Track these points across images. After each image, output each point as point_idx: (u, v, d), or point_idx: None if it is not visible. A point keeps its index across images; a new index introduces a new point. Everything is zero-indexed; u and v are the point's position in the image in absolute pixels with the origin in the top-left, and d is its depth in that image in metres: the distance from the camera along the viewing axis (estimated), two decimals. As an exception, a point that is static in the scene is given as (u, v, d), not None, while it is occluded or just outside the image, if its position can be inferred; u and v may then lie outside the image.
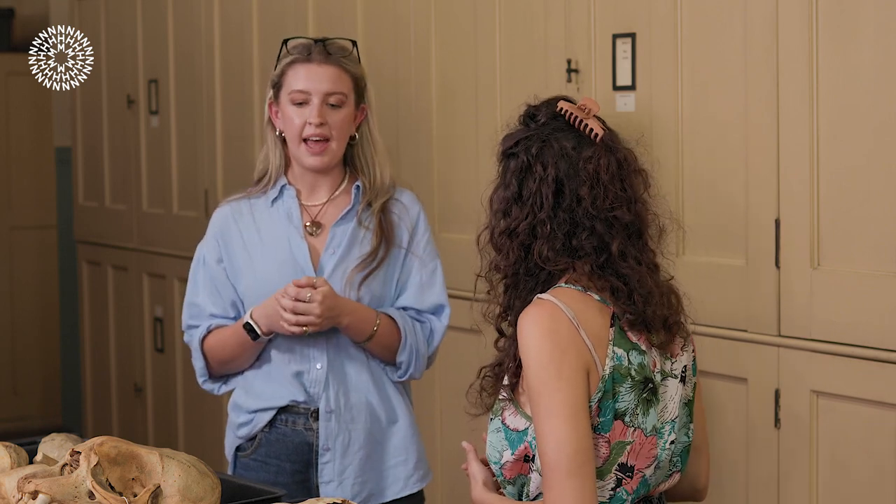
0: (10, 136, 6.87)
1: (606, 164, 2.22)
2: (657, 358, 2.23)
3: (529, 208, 2.23)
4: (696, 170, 3.25)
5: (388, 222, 3.00)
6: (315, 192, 3.02)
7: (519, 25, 3.73)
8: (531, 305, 2.19)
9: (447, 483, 4.06)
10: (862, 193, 2.91)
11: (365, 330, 2.93)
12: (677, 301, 2.29)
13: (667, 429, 2.23)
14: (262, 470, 2.97)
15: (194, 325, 3.01)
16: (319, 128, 2.91)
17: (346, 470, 2.97)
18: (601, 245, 2.21)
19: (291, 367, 2.96)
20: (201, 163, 5.14)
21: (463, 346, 3.92)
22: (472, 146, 3.91)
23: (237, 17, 4.91)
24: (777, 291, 3.07)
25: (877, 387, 2.89)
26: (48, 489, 2.05)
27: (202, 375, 3.03)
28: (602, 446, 2.17)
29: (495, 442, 2.24)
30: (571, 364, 2.13)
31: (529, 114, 2.30)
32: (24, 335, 6.95)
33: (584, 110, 2.27)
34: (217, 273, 2.99)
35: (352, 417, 2.97)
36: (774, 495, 3.10)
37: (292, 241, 2.97)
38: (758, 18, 3.08)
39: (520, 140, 2.27)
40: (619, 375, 2.17)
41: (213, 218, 3.06)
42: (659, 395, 2.22)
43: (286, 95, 2.94)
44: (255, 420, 2.98)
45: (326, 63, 2.94)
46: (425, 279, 3.03)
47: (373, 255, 2.96)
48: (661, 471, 2.25)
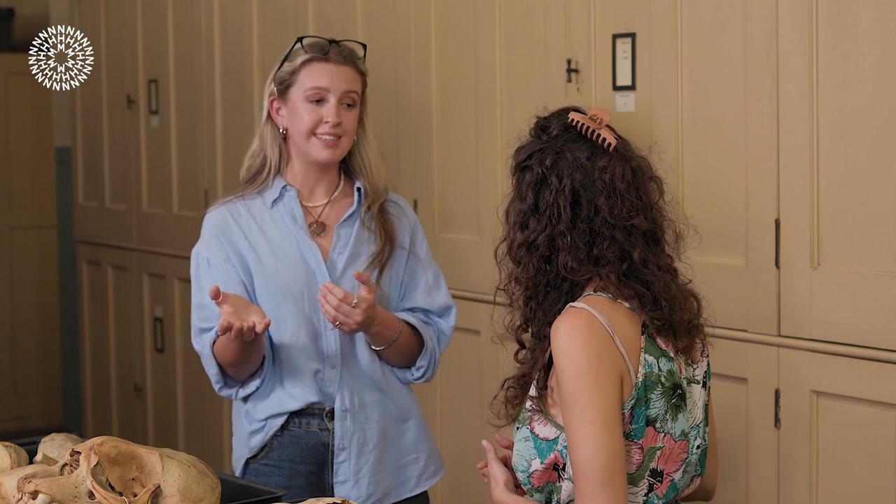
0: (10, 136, 6.87)
1: (622, 173, 2.23)
2: (682, 364, 2.26)
3: (547, 220, 2.23)
4: (696, 170, 3.25)
5: (389, 223, 3.01)
6: (315, 193, 3.02)
7: (519, 25, 3.73)
8: (565, 314, 2.20)
9: (448, 483, 4.06)
10: (862, 193, 2.91)
11: (388, 338, 2.94)
12: (698, 304, 2.30)
13: (693, 433, 2.25)
14: (275, 474, 2.96)
15: (206, 328, 2.94)
16: (336, 127, 2.92)
17: (362, 469, 2.97)
18: (623, 253, 2.22)
19: (308, 368, 2.94)
20: (201, 163, 5.14)
21: (463, 347, 3.92)
22: (472, 146, 3.91)
23: (237, 17, 4.91)
24: (777, 291, 3.07)
25: (877, 387, 2.89)
26: (48, 489, 2.05)
27: (218, 382, 2.95)
28: (635, 452, 2.18)
29: (523, 451, 2.25)
30: (607, 372, 2.14)
31: (541, 126, 2.31)
32: (24, 335, 6.95)
33: (595, 120, 2.27)
34: (225, 272, 2.94)
35: (366, 416, 2.97)
36: (774, 495, 3.10)
37: (301, 241, 2.96)
38: (758, 18, 3.08)
39: (533, 153, 2.28)
40: (651, 383, 2.18)
41: (210, 220, 3.01)
42: (686, 400, 2.24)
43: (300, 92, 2.94)
44: (268, 426, 2.96)
45: (345, 64, 2.96)
46: (431, 281, 3.04)
47: (380, 255, 2.97)
48: (687, 475, 2.26)
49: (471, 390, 3.95)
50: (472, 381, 3.95)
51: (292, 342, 2.94)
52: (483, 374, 3.88)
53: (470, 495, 3.99)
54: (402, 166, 4.14)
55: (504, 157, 3.75)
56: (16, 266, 6.94)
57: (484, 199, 3.86)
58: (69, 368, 6.73)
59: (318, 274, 2.94)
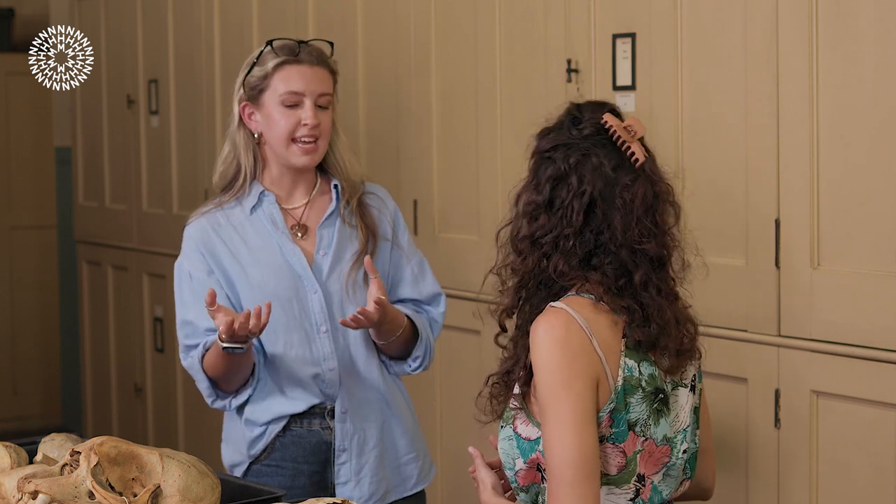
0: (10, 136, 6.87)
1: (643, 195, 2.19)
2: (666, 374, 2.24)
3: (558, 220, 2.20)
4: (696, 170, 3.25)
5: (369, 217, 2.99)
6: (293, 195, 2.99)
7: (519, 25, 3.73)
8: (544, 314, 2.18)
9: (447, 483, 4.06)
10: (862, 193, 2.91)
11: (394, 332, 2.92)
12: (694, 330, 2.28)
13: (679, 438, 2.23)
14: (278, 474, 2.95)
15: (192, 345, 2.91)
16: (314, 129, 2.91)
17: (363, 469, 2.97)
18: (623, 271, 2.19)
19: (307, 372, 2.93)
20: (201, 163, 5.14)
21: (463, 346, 3.92)
22: (472, 146, 3.91)
23: (237, 17, 4.91)
24: (777, 291, 3.07)
25: (877, 387, 2.89)
26: (48, 489, 2.05)
27: (210, 395, 2.92)
28: (617, 456, 2.17)
29: (508, 450, 2.24)
30: (581, 374, 2.13)
31: (573, 117, 2.25)
32: (24, 335, 6.95)
33: (629, 132, 2.23)
34: (208, 285, 2.87)
35: (364, 416, 2.97)
36: (774, 495, 3.10)
37: (283, 246, 2.94)
38: (758, 18, 3.08)
39: (558, 145, 2.22)
40: (630, 387, 2.17)
41: (189, 232, 2.96)
42: (670, 404, 2.23)
43: (274, 97, 2.90)
44: (269, 430, 2.95)
45: (317, 64, 2.93)
46: (417, 270, 3.04)
47: (364, 251, 2.95)
48: (673, 479, 2.25)
49: (470, 390, 3.93)
50: (472, 381, 3.95)
51: (286, 350, 2.92)
52: (483, 374, 3.86)
53: (469, 495, 3.99)
54: (402, 166, 4.14)
55: (504, 157, 3.77)
56: (16, 266, 6.93)
57: (484, 199, 3.86)
58: (69, 368, 6.73)
59: (305, 279, 2.92)
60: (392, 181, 4.03)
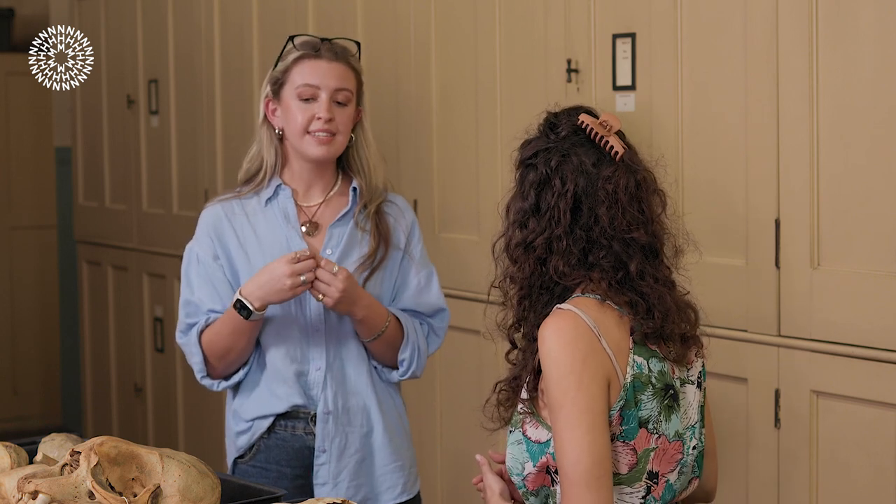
0: (10, 136, 6.87)
1: (625, 185, 2.22)
2: (675, 365, 2.25)
3: (547, 222, 2.23)
4: (696, 170, 3.25)
5: (384, 224, 3.00)
6: (310, 193, 3.01)
7: (519, 25, 3.73)
8: (552, 316, 2.19)
9: (447, 485, 4.06)
10: (862, 193, 2.91)
11: (377, 326, 2.92)
12: (695, 316, 2.29)
13: (688, 434, 2.24)
14: (262, 476, 2.95)
15: (192, 323, 2.95)
16: (328, 123, 2.91)
17: (342, 473, 2.96)
18: (618, 263, 2.21)
19: (291, 369, 2.94)
20: (201, 163, 5.14)
21: (463, 347, 3.93)
22: (472, 146, 3.91)
23: (237, 17, 4.91)
24: (777, 291, 3.07)
25: (877, 387, 2.89)
26: (48, 489, 2.05)
27: (201, 371, 2.95)
28: (628, 454, 2.17)
29: (517, 454, 2.24)
30: (592, 374, 2.13)
31: (550, 123, 2.29)
32: (24, 335, 6.95)
33: (605, 126, 2.25)
34: (213, 270, 2.95)
35: (349, 420, 2.96)
36: (774, 495, 3.10)
37: (291, 241, 2.95)
38: (758, 18, 3.08)
39: (539, 151, 2.26)
40: (640, 384, 2.18)
41: (204, 216, 3.01)
42: (680, 400, 2.23)
43: (292, 90, 2.93)
44: (254, 427, 2.97)
45: (336, 60, 2.94)
46: (423, 282, 3.03)
47: (372, 257, 2.95)
48: (684, 476, 2.25)
49: (470, 390, 3.95)
50: (472, 382, 3.95)
51: (278, 342, 2.94)
52: (483, 375, 3.88)
53: (469, 496, 3.99)
54: (402, 166, 4.14)
55: (504, 157, 3.76)
56: (16, 266, 6.94)
57: (484, 199, 3.86)
58: (69, 368, 6.73)
59: None
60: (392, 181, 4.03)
